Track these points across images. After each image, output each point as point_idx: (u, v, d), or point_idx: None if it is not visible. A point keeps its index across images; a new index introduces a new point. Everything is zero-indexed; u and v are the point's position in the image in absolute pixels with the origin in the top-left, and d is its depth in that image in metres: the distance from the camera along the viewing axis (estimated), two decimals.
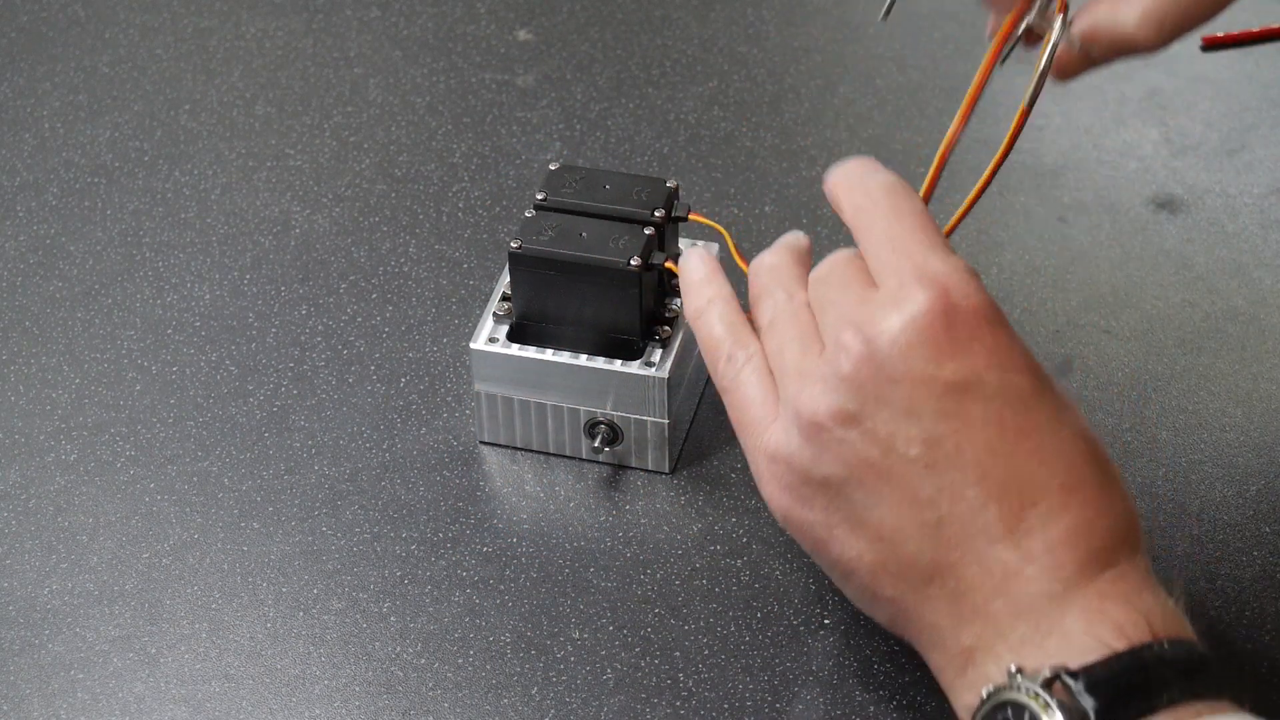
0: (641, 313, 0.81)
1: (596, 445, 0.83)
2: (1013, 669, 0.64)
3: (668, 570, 0.80)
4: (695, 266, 0.77)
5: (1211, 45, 1.04)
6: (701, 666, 0.76)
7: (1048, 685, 0.63)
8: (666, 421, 0.82)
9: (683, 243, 0.86)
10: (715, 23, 1.06)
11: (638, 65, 1.03)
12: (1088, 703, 0.62)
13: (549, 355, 0.82)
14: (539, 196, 0.83)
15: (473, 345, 0.82)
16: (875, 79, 1.02)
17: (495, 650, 0.77)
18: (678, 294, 0.83)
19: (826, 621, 0.77)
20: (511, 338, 0.83)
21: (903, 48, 1.04)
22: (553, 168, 0.84)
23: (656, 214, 0.82)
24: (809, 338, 0.72)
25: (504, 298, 0.83)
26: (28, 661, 0.77)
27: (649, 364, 0.81)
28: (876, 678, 0.75)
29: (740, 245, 0.87)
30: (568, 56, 1.04)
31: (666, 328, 0.82)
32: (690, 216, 0.83)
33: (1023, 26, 0.78)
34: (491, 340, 0.82)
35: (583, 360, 0.81)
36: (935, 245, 0.70)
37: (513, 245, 0.81)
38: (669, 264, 0.81)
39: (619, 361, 0.81)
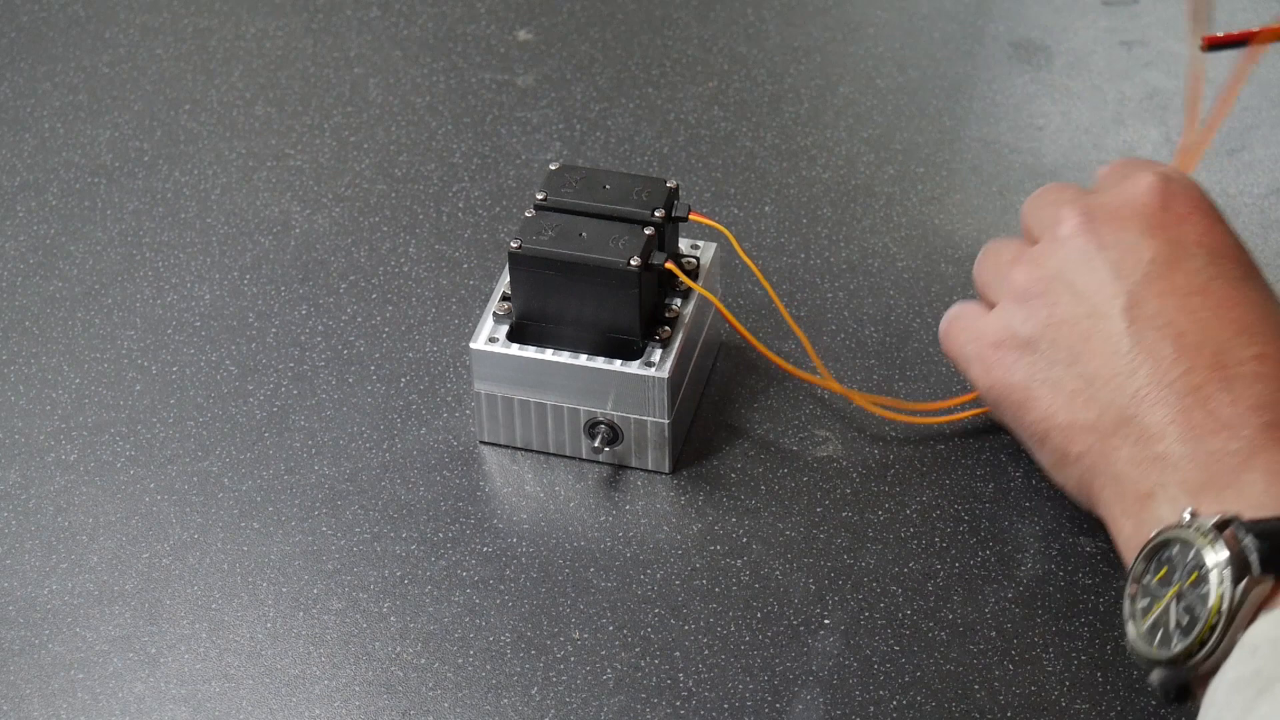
0: (641, 313, 0.81)
1: (596, 445, 0.83)
2: (1187, 514, 0.67)
3: (668, 570, 0.80)
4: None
5: (1211, 45, 1.04)
6: (701, 666, 0.76)
7: (1219, 528, 0.66)
8: (666, 421, 0.82)
9: (684, 243, 0.86)
10: (715, 23, 1.06)
11: (638, 65, 1.03)
12: (1253, 548, 0.65)
13: (549, 355, 0.82)
14: (539, 196, 0.83)
15: (473, 345, 0.82)
16: (875, 79, 1.02)
17: (495, 650, 0.77)
18: (678, 294, 0.83)
19: (826, 621, 0.78)
20: (511, 338, 0.83)
21: (903, 48, 1.04)
22: (553, 168, 0.84)
23: (656, 214, 0.82)
24: (1019, 244, 0.79)
25: (504, 298, 0.83)
26: (28, 661, 0.77)
27: (649, 364, 0.81)
28: (876, 678, 0.75)
29: (739, 245, 0.87)
30: (568, 56, 1.04)
31: (666, 328, 0.82)
32: (690, 216, 0.83)
33: None
34: (491, 340, 0.82)
35: (583, 360, 0.81)
36: (1160, 164, 0.77)
37: (513, 245, 0.81)
38: (669, 264, 0.81)
39: (619, 361, 0.81)
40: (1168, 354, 0.71)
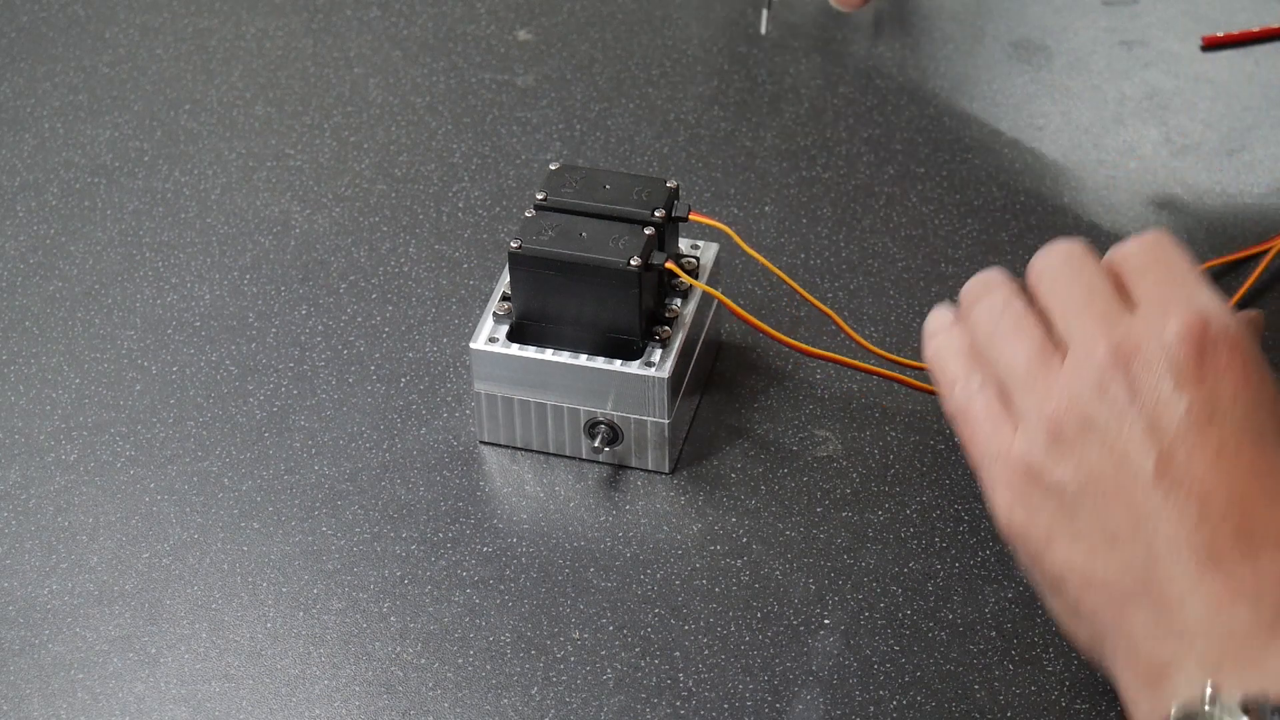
0: (641, 313, 0.81)
1: (596, 445, 0.83)
2: (1209, 691, 0.64)
3: (668, 570, 0.80)
4: (931, 319, 0.78)
5: (1211, 45, 1.04)
6: (701, 666, 0.76)
7: (1245, 710, 0.63)
8: (666, 421, 0.82)
9: (684, 243, 0.86)
10: (715, 23, 1.06)
11: (638, 65, 1.03)
12: None
13: (549, 355, 0.82)
14: (539, 196, 0.83)
15: (473, 345, 0.82)
16: (875, 79, 1.02)
17: (495, 650, 0.77)
18: (678, 294, 0.83)
19: (826, 621, 0.77)
20: (511, 338, 0.83)
21: (903, 48, 1.04)
22: (553, 168, 0.84)
23: (656, 214, 0.82)
24: (1045, 342, 0.72)
25: (504, 298, 0.83)
26: (28, 661, 0.77)
27: (649, 364, 0.81)
28: (876, 678, 0.75)
29: (739, 245, 0.87)
30: (568, 56, 1.04)
31: (666, 328, 0.82)
32: (690, 216, 0.83)
33: None
34: (491, 340, 0.82)
35: (583, 360, 0.81)
36: (1201, 284, 0.71)
37: (513, 245, 0.81)
38: (669, 264, 0.81)
39: (619, 361, 0.81)
40: (1192, 517, 0.67)
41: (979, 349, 0.74)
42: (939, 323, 0.77)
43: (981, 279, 0.76)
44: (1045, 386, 0.71)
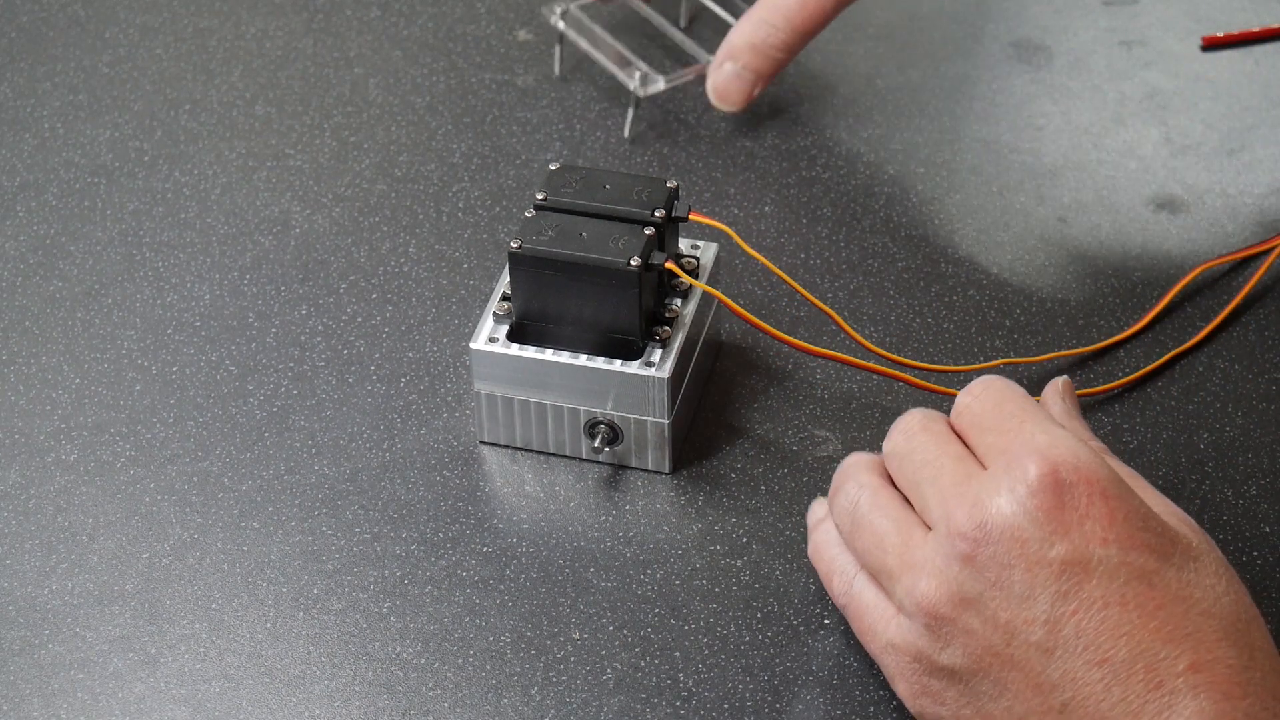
0: (641, 313, 0.81)
1: (596, 445, 0.83)
2: None
3: (668, 570, 0.80)
4: (810, 512, 0.77)
5: (1211, 45, 1.04)
6: (701, 666, 0.76)
7: None
8: (666, 421, 0.82)
9: (684, 243, 0.86)
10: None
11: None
12: None
13: (549, 355, 0.82)
14: (539, 196, 0.83)
15: (473, 345, 0.82)
16: (875, 79, 1.02)
17: (495, 650, 0.77)
18: (678, 294, 0.83)
19: (826, 621, 0.77)
20: (511, 338, 0.83)
21: (903, 48, 1.04)
22: (553, 168, 0.84)
23: (657, 214, 0.82)
24: (905, 524, 0.71)
25: (504, 298, 0.83)
26: (28, 661, 0.77)
27: (649, 364, 0.81)
28: (876, 678, 0.75)
29: (740, 246, 0.87)
30: (568, 56, 1.04)
31: (666, 328, 0.82)
32: (690, 216, 0.83)
33: None
34: (491, 340, 0.82)
35: (583, 360, 0.81)
36: (1041, 423, 0.69)
37: (513, 245, 0.81)
38: (669, 264, 0.81)
39: (619, 361, 0.81)
40: (1097, 680, 0.65)
41: (848, 540, 0.73)
42: (815, 516, 0.77)
43: (843, 466, 0.75)
44: (913, 571, 0.69)
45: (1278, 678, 0.65)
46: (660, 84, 0.97)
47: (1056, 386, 0.78)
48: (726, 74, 0.84)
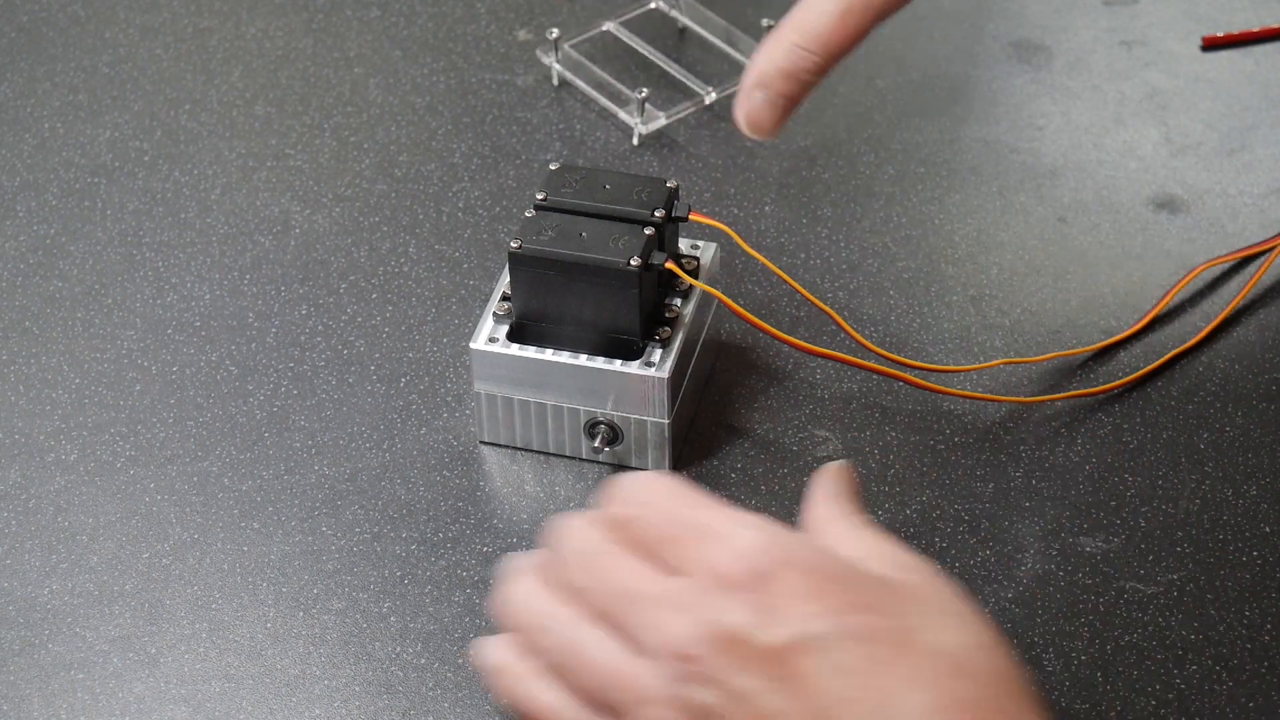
0: (641, 313, 0.81)
1: (596, 445, 0.83)
2: None
3: None
4: (488, 655, 0.70)
5: (1211, 45, 1.04)
6: None
7: None
8: (666, 421, 0.82)
9: (684, 243, 0.86)
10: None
11: (638, 65, 1.03)
12: None
13: (549, 355, 0.81)
14: (539, 196, 0.83)
15: (473, 345, 0.82)
16: (875, 79, 1.02)
17: None
18: (678, 294, 0.83)
19: None
20: (511, 338, 0.83)
21: (903, 48, 1.04)
22: (553, 168, 0.84)
23: (657, 214, 0.82)
24: (605, 646, 0.66)
25: (504, 298, 0.83)
26: (28, 661, 0.77)
27: (649, 364, 0.81)
28: None
29: (740, 246, 0.87)
30: (568, 56, 1.04)
31: (666, 328, 0.82)
32: (690, 216, 0.83)
33: None
34: (491, 340, 0.82)
35: (583, 360, 0.81)
36: (720, 519, 0.66)
37: (513, 245, 0.81)
38: (669, 264, 0.81)
39: (619, 362, 0.81)
40: None
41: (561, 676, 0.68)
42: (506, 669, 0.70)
43: (513, 595, 0.69)
44: (640, 705, 0.65)
45: (1017, 701, 0.64)
46: (661, 120, 0.98)
47: (830, 474, 0.72)
48: (758, 103, 0.82)
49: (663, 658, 0.64)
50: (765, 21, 1.00)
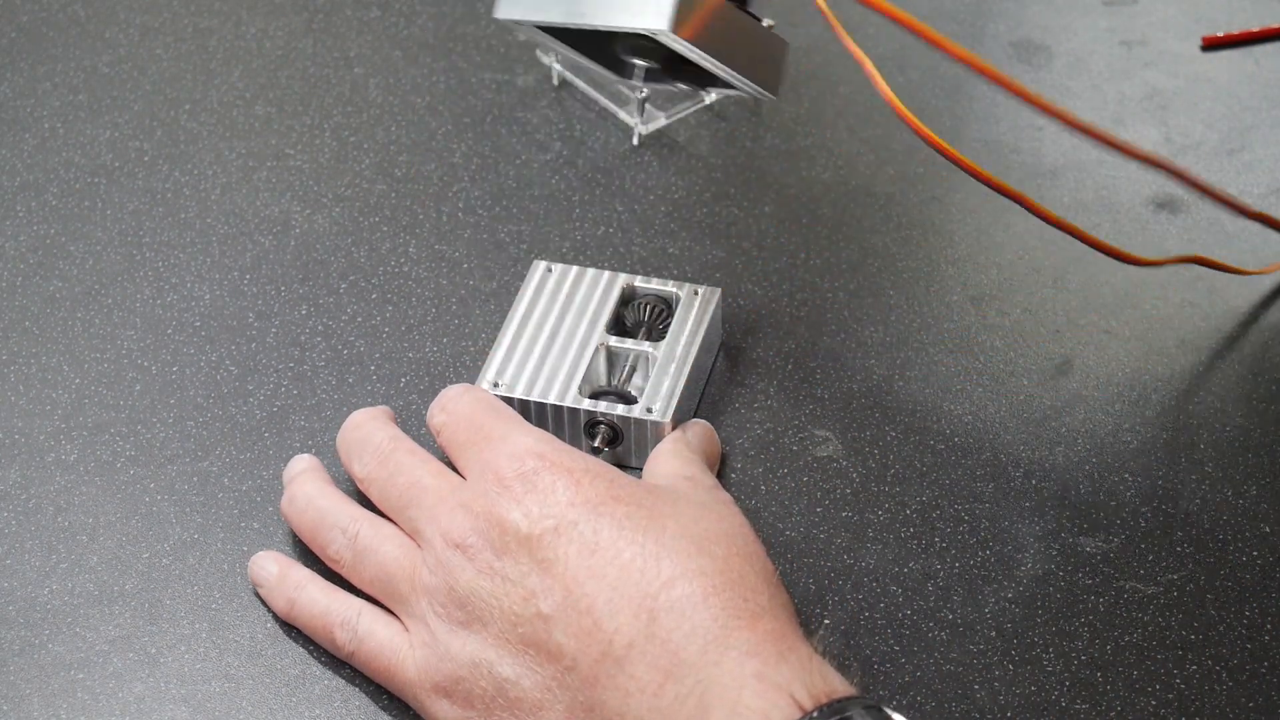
0: None
1: (596, 445, 0.83)
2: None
3: None
4: (265, 565, 0.79)
5: (1211, 45, 1.04)
6: None
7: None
8: (666, 422, 0.82)
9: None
10: None
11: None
12: None
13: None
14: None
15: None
16: None
17: None
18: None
19: (826, 621, 0.77)
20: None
21: (903, 48, 1.04)
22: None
23: None
24: (388, 538, 0.76)
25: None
26: (28, 661, 0.77)
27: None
28: (876, 678, 0.75)
29: (740, 246, 0.87)
30: (568, 56, 1.04)
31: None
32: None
33: None
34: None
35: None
36: (509, 425, 0.76)
37: None
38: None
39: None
40: (594, 622, 0.70)
41: (349, 574, 0.77)
42: (287, 575, 0.79)
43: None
44: (414, 593, 0.74)
45: (758, 574, 0.71)
46: (661, 120, 0.98)
47: (694, 425, 0.83)
48: None
49: (439, 548, 0.73)
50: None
